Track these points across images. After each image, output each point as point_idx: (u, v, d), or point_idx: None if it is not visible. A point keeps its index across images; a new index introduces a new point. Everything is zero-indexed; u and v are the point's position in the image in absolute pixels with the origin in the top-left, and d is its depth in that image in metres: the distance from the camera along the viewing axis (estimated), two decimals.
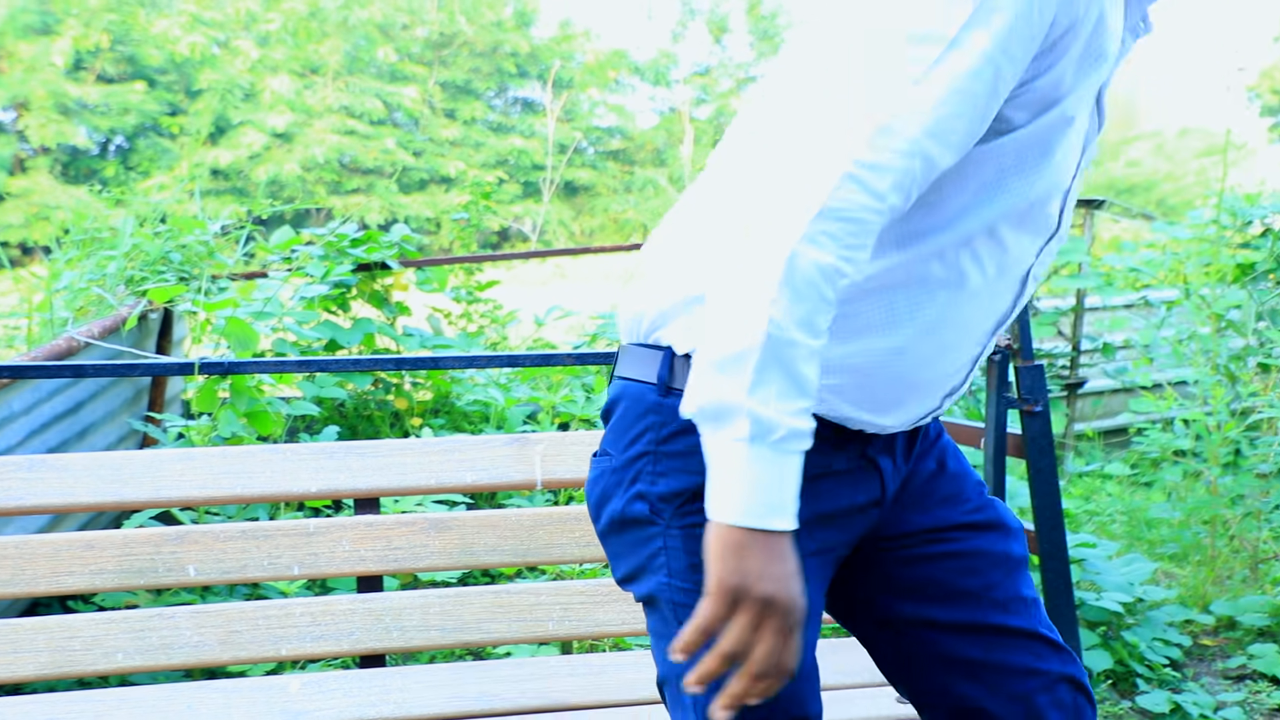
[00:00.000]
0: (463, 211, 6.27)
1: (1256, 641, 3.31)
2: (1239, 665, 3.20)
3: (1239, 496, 3.71)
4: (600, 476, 1.32)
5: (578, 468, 2.01)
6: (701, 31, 28.09)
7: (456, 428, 4.70)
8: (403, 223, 5.17)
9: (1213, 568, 3.79)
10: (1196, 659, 3.32)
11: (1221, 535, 3.85)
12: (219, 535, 1.93)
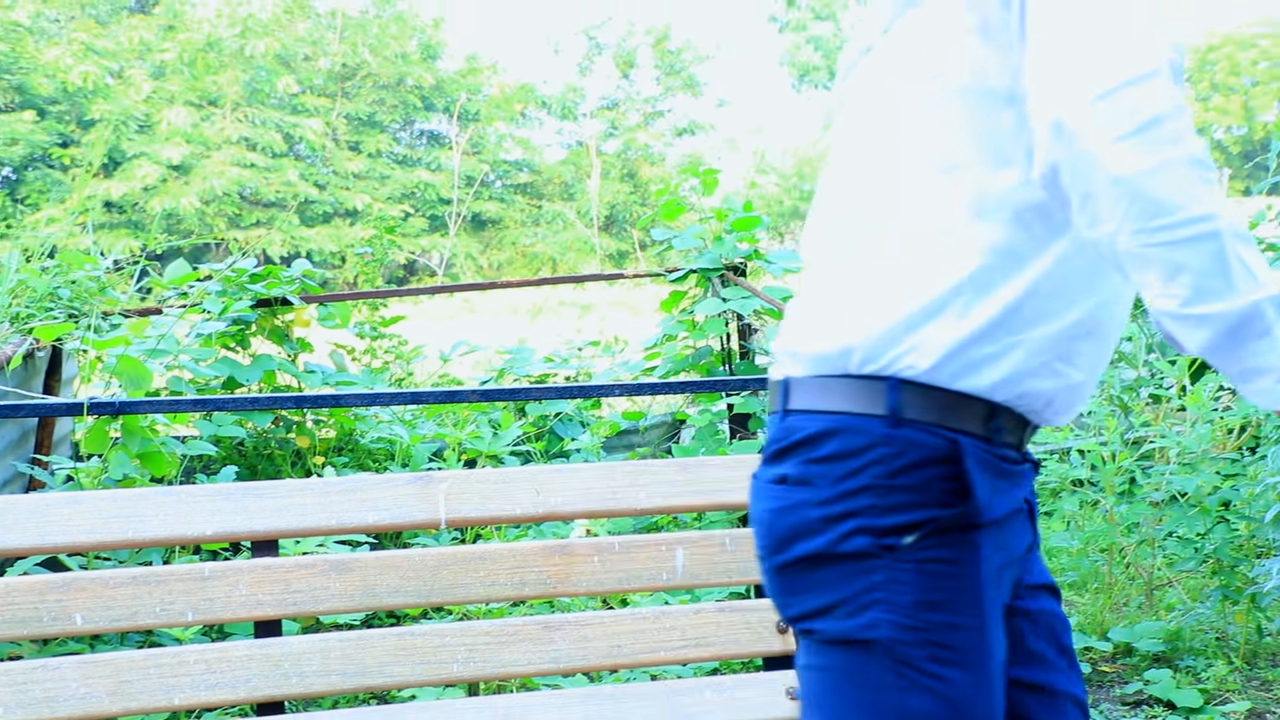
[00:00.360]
0: (367, 246, 6.20)
1: (1152, 667, 3.39)
2: (1135, 691, 3.27)
3: (1134, 524, 3.81)
4: (795, 507, 1.24)
5: (483, 505, 1.98)
6: (609, 66, 28.32)
7: (360, 466, 4.62)
8: (306, 256, 5.10)
9: (1110, 595, 3.87)
10: (1096, 685, 3.39)
11: (1118, 563, 3.95)
12: (108, 581, 1.86)
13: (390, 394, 2.12)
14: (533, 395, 2.16)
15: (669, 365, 4.77)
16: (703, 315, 4.57)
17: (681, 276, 4.73)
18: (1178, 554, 3.72)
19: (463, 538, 4.09)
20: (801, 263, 1.51)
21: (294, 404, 2.10)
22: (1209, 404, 4.02)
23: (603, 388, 2.18)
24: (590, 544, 2.01)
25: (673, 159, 27.62)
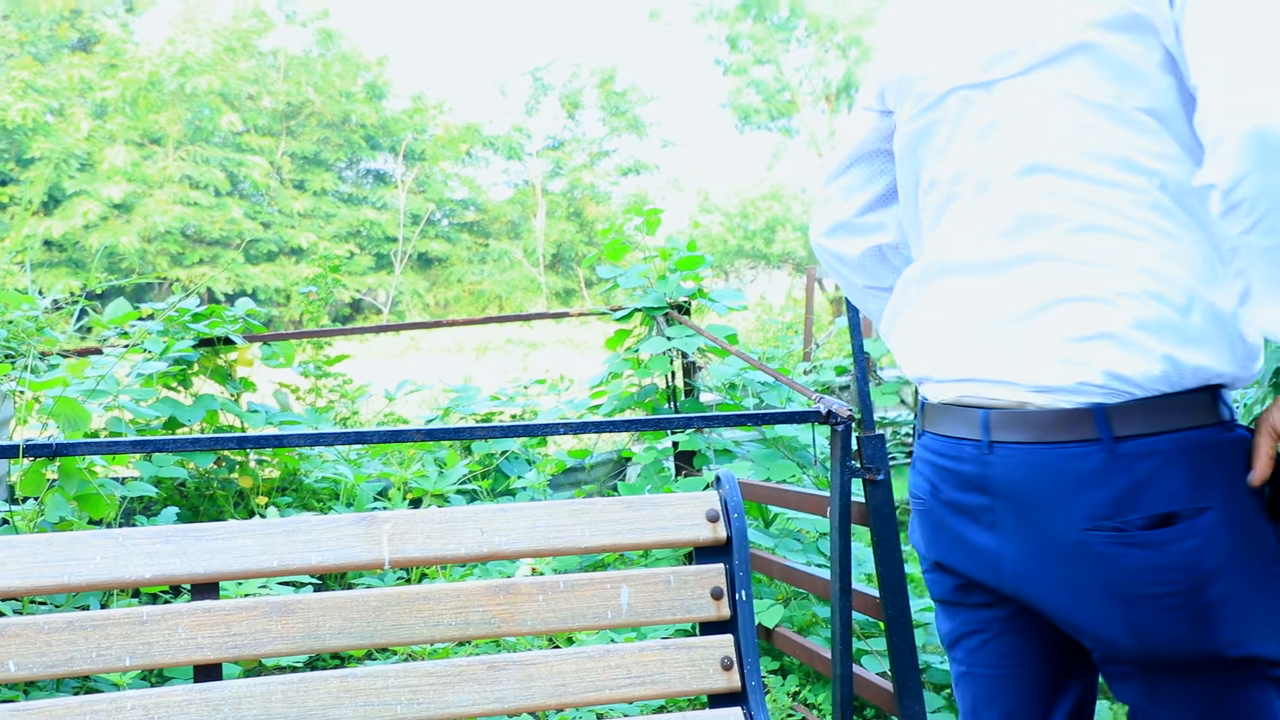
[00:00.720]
0: (311, 284, 6.17)
1: None
2: None
3: None
4: (1209, 535, 1.21)
5: (427, 545, 1.98)
6: (555, 107, 28.48)
7: (305, 505, 4.58)
8: (251, 294, 5.07)
9: None
10: None
11: None
12: (43, 627, 1.83)
13: (334, 434, 2.12)
14: (478, 434, 2.16)
15: (614, 403, 4.79)
16: (647, 353, 4.59)
17: (626, 315, 4.76)
18: None
19: (408, 577, 4.06)
20: (921, 278, 1.50)
21: (236, 444, 2.09)
22: None
23: (548, 426, 2.19)
24: (535, 583, 2.02)
25: (618, 198, 27.81)
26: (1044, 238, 1.33)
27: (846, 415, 2.44)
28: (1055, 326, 1.30)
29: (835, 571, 2.44)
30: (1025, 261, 1.34)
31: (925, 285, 1.49)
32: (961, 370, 1.41)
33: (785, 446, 4.44)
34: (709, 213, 25.48)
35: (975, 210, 1.41)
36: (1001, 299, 1.36)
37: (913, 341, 1.52)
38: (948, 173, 1.45)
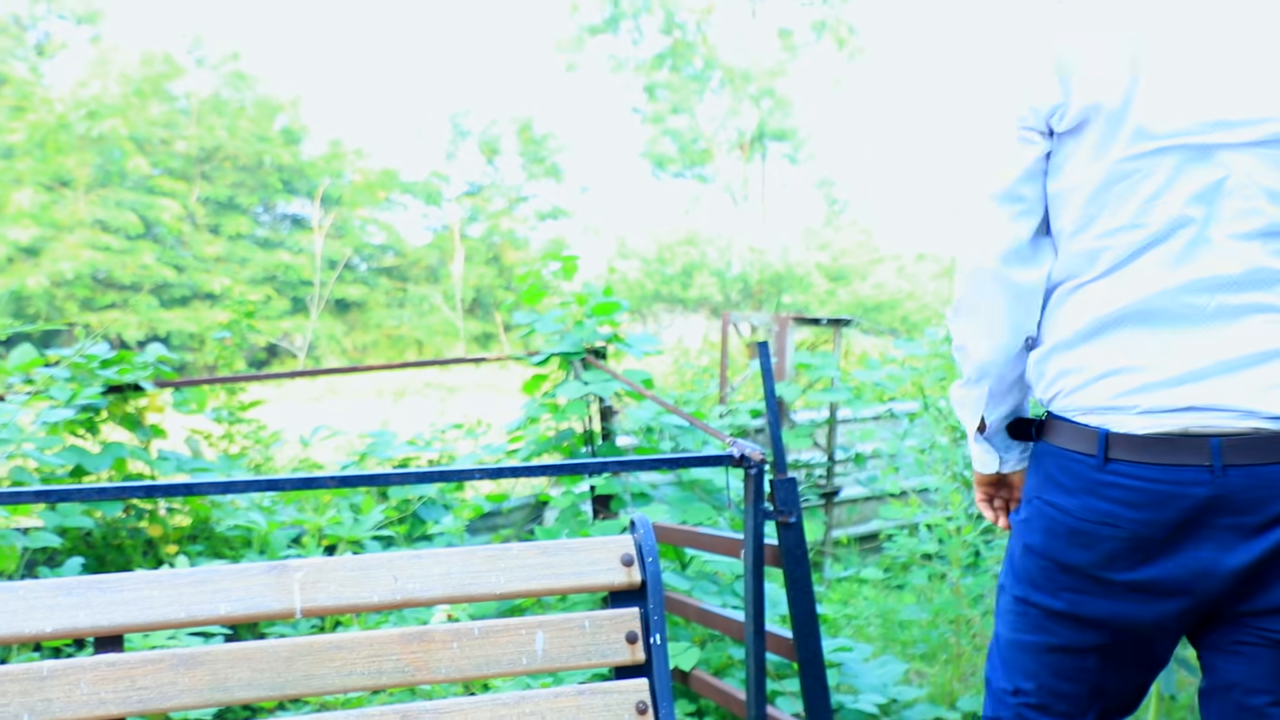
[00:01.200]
0: (225, 330, 6.09)
1: None
2: None
3: (979, 596, 3.95)
4: None
5: (340, 593, 1.97)
6: (473, 152, 28.50)
7: (216, 554, 4.50)
8: (164, 340, 4.99)
9: (958, 665, 4.00)
10: None
11: (965, 634, 4.08)
12: None
13: (245, 481, 2.10)
14: (393, 480, 2.16)
15: (532, 447, 4.79)
16: (564, 398, 4.61)
17: (543, 360, 4.77)
18: None
19: (321, 626, 4.00)
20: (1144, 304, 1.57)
21: (144, 493, 2.06)
22: None
23: (464, 472, 2.19)
24: (449, 629, 2.01)
25: (536, 243, 27.85)
26: (1273, 292, 1.52)
27: (759, 459, 2.48)
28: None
29: (749, 614, 2.47)
30: (1254, 311, 1.52)
31: (1122, 325, 1.57)
32: (1189, 401, 1.52)
33: (701, 489, 4.48)
34: (626, 258, 25.62)
35: (1191, 260, 1.52)
36: (1233, 343, 1.52)
37: (1106, 375, 1.58)
38: (1160, 219, 1.53)
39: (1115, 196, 1.56)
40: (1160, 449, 1.53)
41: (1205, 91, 1.51)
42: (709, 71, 26.82)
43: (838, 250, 25.65)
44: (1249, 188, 1.50)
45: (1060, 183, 1.61)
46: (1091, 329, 1.58)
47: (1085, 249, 1.60)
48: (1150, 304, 1.54)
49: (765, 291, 24.71)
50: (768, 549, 2.63)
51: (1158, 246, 1.54)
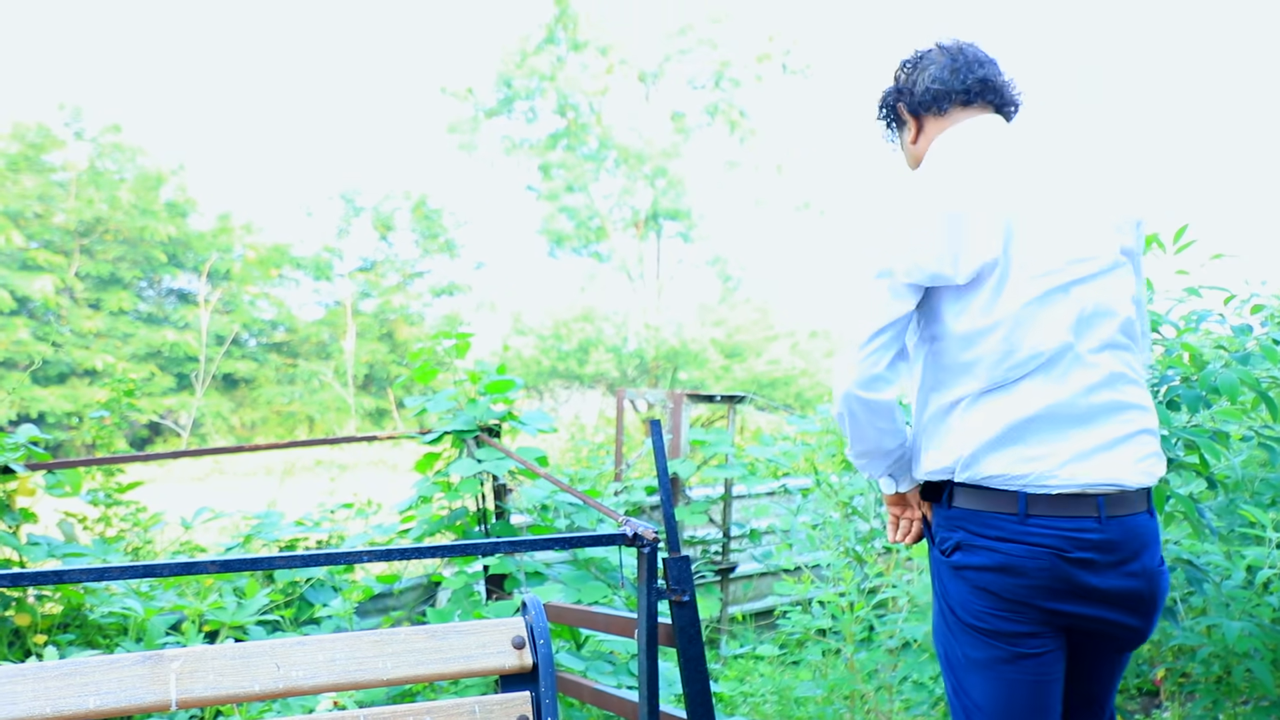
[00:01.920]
0: (104, 409, 5.89)
1: None
2: None
3: (873, 671, 3.98)
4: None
5: (218, 684, 1.90)
6: (366, 228, 28.31)
7: (89, 643, 4.30)
8: (38, 419, 4.81)
9: None
10: None
11: (859, 710, 4.10)
12: None
13: (121, 567, 2.02)
14: (278, 564, 2.11)
15: (424, 527, 4.71)
16: (457, 476, 4.56)
17: (436, 438, 4.72)
18: (913, 698, 3.91)
19: (203, 718, 3.85)
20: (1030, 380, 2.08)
21: (9, 581, 1.97)
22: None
23: (353, 554, 2.14)
24: (334, 718, 1.95)
25: (431, 319, 27.66)
26: (1125, 391, 2.09)
27: (652, 537, 2.47)
28: (1139, 449, 2.09)
29: (643, 694, 2.44)
30: (1114, 409, 2.07)
31: (1047, 411, 2.06)
32: (1079, 473, 2.04)
33: (596, 568, 4.45)
34: (523, 334, 25.59)
35: (1072, 374, 2.05)
36: (1106, 425, 2.06)
37: (1021, 454, 2.06)
38: (1051, 346, 2.05)
39: (1017, 332, 2.05)
40: (1061, 505, 2.05)
41: (1058, 241, 2.06)
42: (604, 151, 27.19)
43: (732, 327, 26.01)
44: (1098, 312, 2.07)
45: (965, 324, 2.08)
46: (1011, 427, 2.06)
47: (998, 371, 2.07)
48: (1049, 409, 2.05)
49: (661, 368, 24.89)
50: (662, 628, 2.61)
51: (1051, 366, 2.05)
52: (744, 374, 24.36)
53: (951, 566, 2.14)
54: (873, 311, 2.08)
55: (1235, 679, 3.06)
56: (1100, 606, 2.08)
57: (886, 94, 2.38)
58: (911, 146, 2.34)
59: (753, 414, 8.20)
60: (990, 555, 2.08)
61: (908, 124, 2.34)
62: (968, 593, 2.11)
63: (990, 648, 2.10)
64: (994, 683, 2.11)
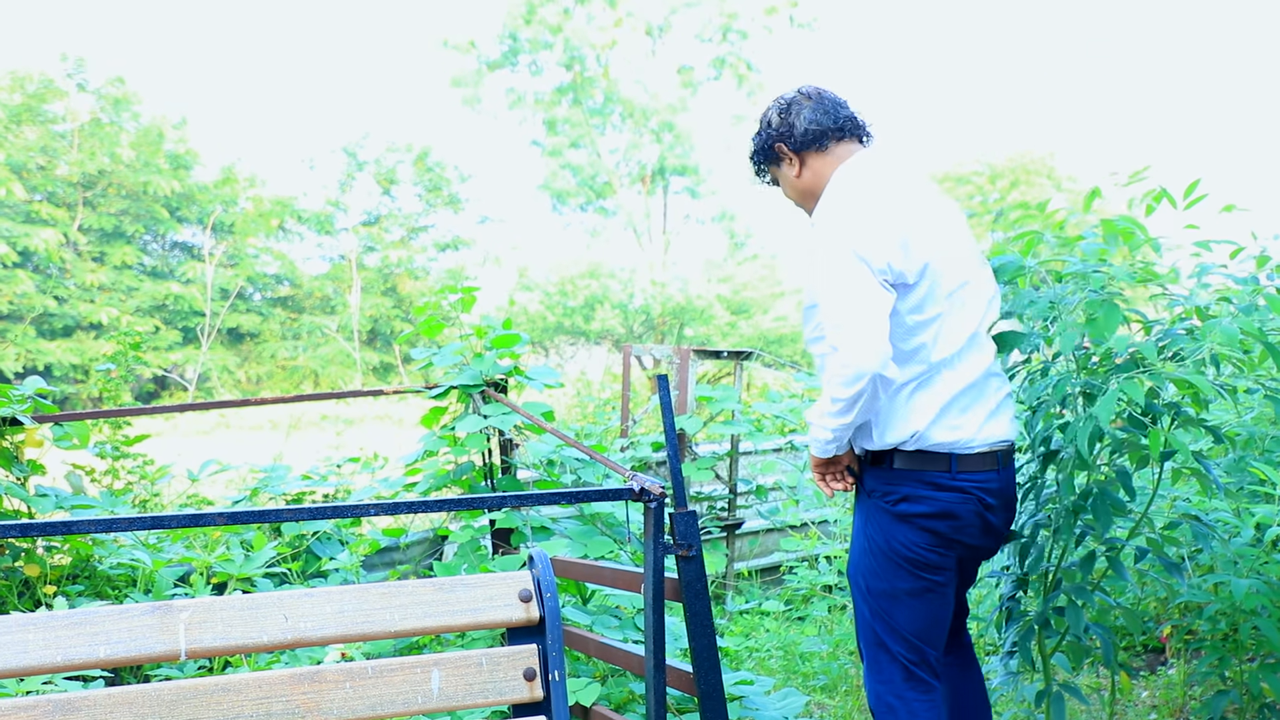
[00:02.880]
0: (110, 362, 5.89)
1: None
2: None
3: None
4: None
5: (227, 634, 1.90)
6: (369, 182, 28.19)
7: (98, 594, 4.33)
8: (45, 371, 4.80)
9: (858, 697, 4.03)
10: None
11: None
12: None
13: (129, 518, 2.02)
14: (285, 516, 2.11)
15: (430, 481, 4.72)
16: (463, 431, 4.55)
17: (442, 393, 4.71)
18: None
19: (210, 668, 3.87)
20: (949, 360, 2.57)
21: (19, 531, 1.97)
22: None
23: (359, 507, 2.14)
24: (341, 669, 1.96)
25: (436, 274, 27.61)
26: (996, 368, 2.66)
27: (659, 492, 2.47)
28: (1009, 411, 2.65)
29: (649, 648, 2.45)
30: (995, 376, 2.64)
31: (964, 390, 2.55)
32: (986, 434, 2.56)
33: (602, 523, 4.46)
34: (528, 290, 25.53)
35: (978, 358, 2.58)
36: (992, 397, 2.60)
37: (951, 424, 2.54)
38: (966, 336, 2.55)
39: (950, 324, 2.54)
40: (979, 460, 2.57)
41: (951, 258, 2.55)
42: (610, 106, 27.00)
43: (739, 284, 25.94)
44: (976, 313, 2.58)
45: (921, 315, 2.51)
46: (945, 405, 2.53)
47: (940, 356, 2.54)
48: (966, 388, 2.55)
49: (667, 324, 24.86)
50: (668, 582, 2.62)
51: (965, 353, 2.56)
52: (750, 330, 24.32)
53: (896, 515, 2.57)
54: (874, 300, 2.43)
55: (1242, 636, 3.06)
56: (991, 539, 2.64)
57: (764, 137, 2.76)
58: (797, 180, 2.73)
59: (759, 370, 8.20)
60: (932, 504, 2.53)
61: (788, 161, 2.73)
62: (914, 533, 2.55)
63: (918, 579, 2.56)
64: (917, 608, 2.57)
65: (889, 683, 2.59)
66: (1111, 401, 2.33)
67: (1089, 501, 2.63)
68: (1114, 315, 2.44)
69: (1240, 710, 3.27)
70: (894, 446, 2.54)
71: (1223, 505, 3.16)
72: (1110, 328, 2.43)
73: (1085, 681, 4.43)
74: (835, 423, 2.50)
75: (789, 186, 2.78)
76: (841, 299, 2.43)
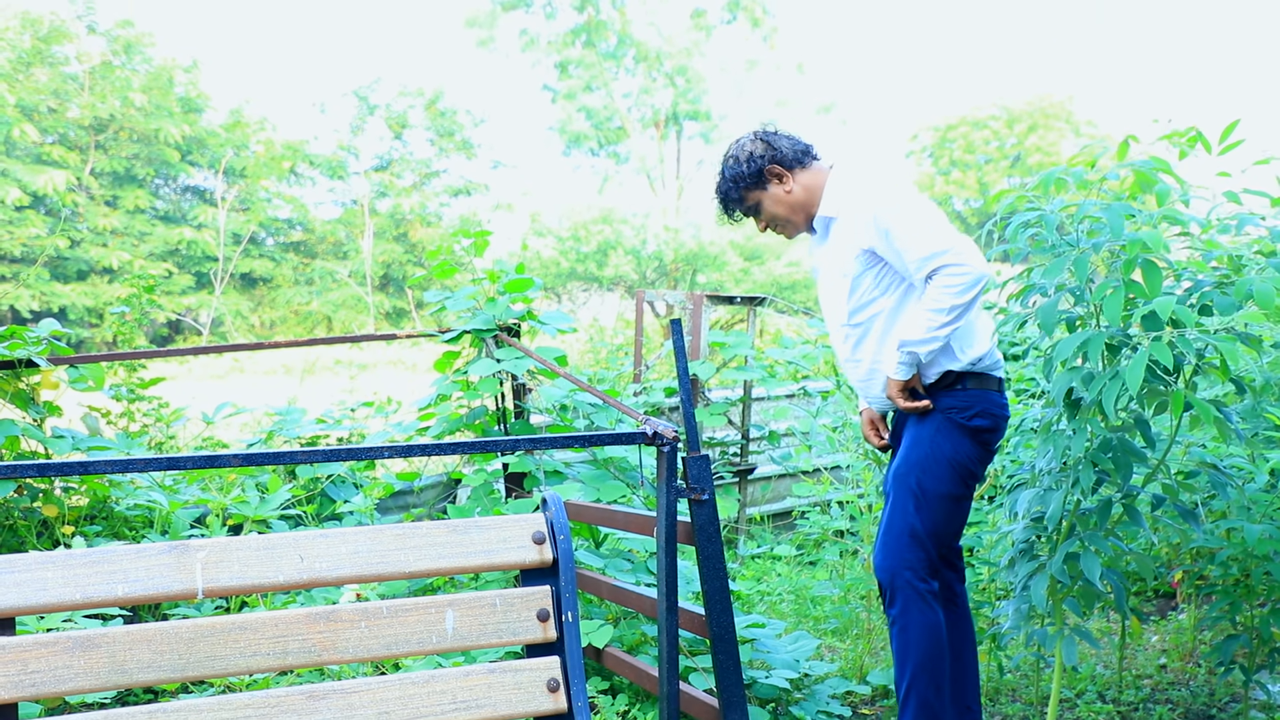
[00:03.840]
0: (124, 305, 5.90)
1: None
2: None
3: None
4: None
5: (244, 573, 1.91)
6: (380, 126, 28.00)
7: (116, 535, 4.37)
8: (59, 315, 4.81)
9: (869, 640, 4.06)
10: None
11: (876, 609, 4.14)
12: None
13: (145, 459, 2.03)
14: (299, 459, 2.11)
15: (443, 425, 4.74)
16: (476, 375, 4.56)
17: (455, 337, 4.72)
18: None
19: (227, 608, 3.92)
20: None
21: (37, 471, 1.98)
22: None
23: (374, 449, 2.14)
24: (357, 609, 1.98)
25: (448, 219, 27.51)
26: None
27: (672, 436, 2.47)
28: None
29: (661, 590, 2.46)
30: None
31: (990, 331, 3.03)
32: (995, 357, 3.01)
33: (615, 467, 4.48)
34: (541, 235, 25.44)
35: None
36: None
37: (991, 352, 2.99)
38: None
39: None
40: (1000, 383, 3.01)
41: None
42: (623, 49, 26.72)
43: (752, 229, 25.72)
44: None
45: None
46: (993, 329, 3.02)
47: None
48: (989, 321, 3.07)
49: (680, 270, 24.78)
50: (681, 526, 2.63)
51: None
52: (763, 277, 24.23)
53: (970, 430, 2.92)
54: (951, 224, 2.88)
55: (1254, 581, 3.06)
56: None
57: (751, 167, 3.10)
58: (789, 197, 3.10)
59: (772, 317, 8.17)
60: (993, 419, 2.94)
61: (778, 181, 3.10)
62: (975, 447, 2.93)
63: (964, 487, 2.94)
64: (954, 512, 2.95)
65: (913, 567, 2.91)
66: (1141, 365, 2.30)
67: (1108, 451, 2.62)
68: (1156, 277, 2.39)
69: (1250, 654, 3.28)
70: (972, 364, 2.92)
71: (1238, 451, 3.15)
72: (1154, 289, 2.39)
73: (1096, 626, 4.45)
74: (947, 330, 2.82)
75: (780, 205, 3.12)
76: (934, 227, 2.81)
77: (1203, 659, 4.05)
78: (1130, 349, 2.47)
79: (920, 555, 2.90)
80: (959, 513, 2.97)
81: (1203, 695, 3.80)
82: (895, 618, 2.92)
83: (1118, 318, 2.38)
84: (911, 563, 2.90)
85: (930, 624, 2.88)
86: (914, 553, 2.91)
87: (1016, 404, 4.26)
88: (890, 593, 2.94)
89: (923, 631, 2.87)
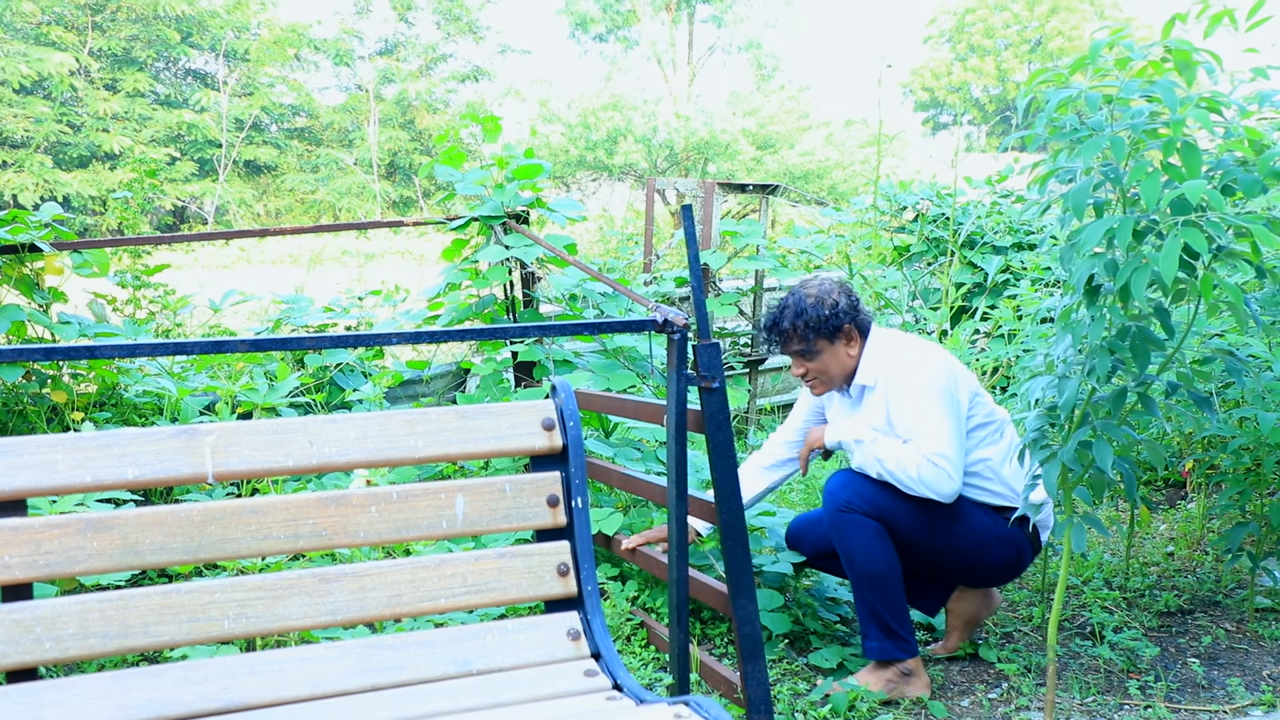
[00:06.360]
0: (127, 190, 5.83)
1: None
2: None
3: None
4: None
5: (252, 458, 1.90)
6: (385, 8, 27.40)
7: (125, 421, 4.38)
8: (63, 201, 4.74)
9: None
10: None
11: None
12: None
13: (151, 344, 2.00)
14: (307, 344, 2.08)
15: (452, 314, 4.71)
16: (485, 263, 4.52)
17: (463, 224, 4.66)
18: None
19: (238, 493, 3.95)
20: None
21: (44, 355, 1.96)
22: (966, 346, 4.27)
23: (382, 336, 2.12)
24: (367, 494, 1.97)
25: (455, 105, 27.10)
26: None
27: (682, 323, 2.43)
28: None
29: (671, 478, 2.46)
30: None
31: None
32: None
33: (625, 357, 4.46)
34: (550, 122, 25.04)
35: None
36: None
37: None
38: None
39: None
40: None
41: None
42: None
43: (765, 117, 25.38)
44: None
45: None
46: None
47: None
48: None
49: (691, 159, 24.46)
50: (690, 414, 2.61)
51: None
52: (776, 166, 23.91)
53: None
54: (959, 436, 2.98)
55: (1265, 470, 3.06)
56: None
57: (835, 316, 3.03)
58: (848, 359, 3.07)
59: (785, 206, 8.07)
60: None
61: (846, 339, 3.06)
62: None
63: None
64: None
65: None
66: (1175, 250, 2.23)
67: (1125, 339, 2.58)
68: (1195, 159, 2.31)
69: (1258, 542, 3.30)
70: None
71: (1256, 340, 3.12)
72: (1193, 172, 2.31)
73: (1105, 514, 4.47)
74: (888, 477, 2.94)
75: (837, 364, 3.08)
76: (947, 428, 2.93)
77: (1210, 547, 4.08)
78: (1156, 235, 2.41)
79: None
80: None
81: (1209, 582, 3.84)
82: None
83: (1155, 201, 2.31)
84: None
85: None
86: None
87: (1034, 292, 4.21)
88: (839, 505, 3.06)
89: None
